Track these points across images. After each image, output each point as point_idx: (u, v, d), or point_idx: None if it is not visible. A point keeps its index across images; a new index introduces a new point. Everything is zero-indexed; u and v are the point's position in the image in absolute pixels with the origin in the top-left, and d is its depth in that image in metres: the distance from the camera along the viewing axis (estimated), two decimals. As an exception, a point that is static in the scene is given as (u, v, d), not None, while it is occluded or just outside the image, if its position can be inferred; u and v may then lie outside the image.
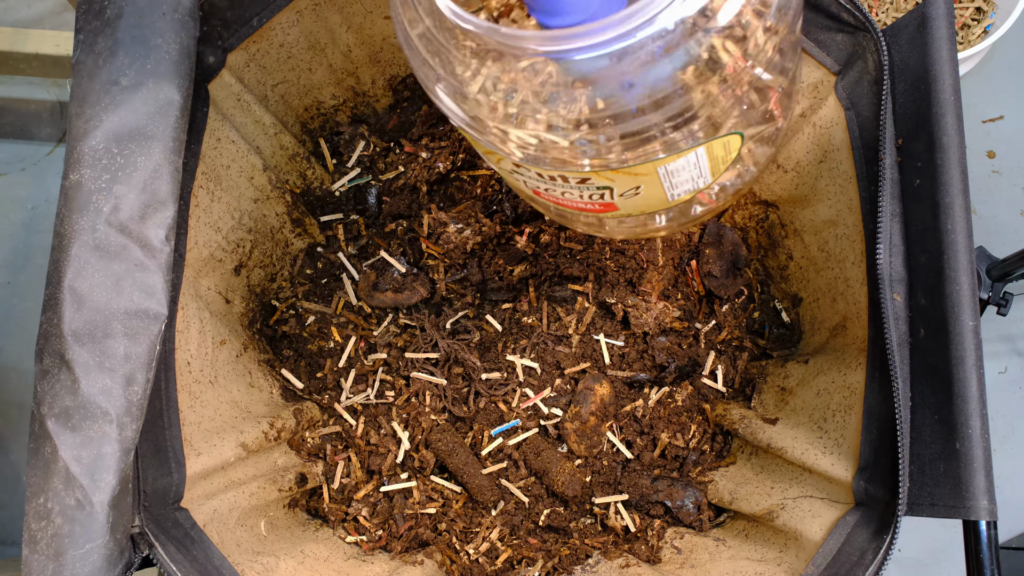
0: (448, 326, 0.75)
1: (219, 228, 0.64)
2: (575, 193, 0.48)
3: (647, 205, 0.50)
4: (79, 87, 0.49)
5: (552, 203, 0.52)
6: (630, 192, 0.47)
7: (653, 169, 0.45)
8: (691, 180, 0.48)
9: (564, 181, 0.46)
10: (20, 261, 0.97)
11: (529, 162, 0.44)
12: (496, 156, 0.46)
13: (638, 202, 0.49)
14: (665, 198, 0.49)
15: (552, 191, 0.49)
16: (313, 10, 0.65)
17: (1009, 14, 0.85)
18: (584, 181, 0.46)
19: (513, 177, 0.50)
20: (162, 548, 0.50)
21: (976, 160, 0.94)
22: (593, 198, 0.48)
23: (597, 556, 0.69)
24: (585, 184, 0.46)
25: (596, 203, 0.49)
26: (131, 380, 0.47)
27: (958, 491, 0.46)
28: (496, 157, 0.47)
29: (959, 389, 0.47)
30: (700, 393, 0.74)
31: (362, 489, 0.71)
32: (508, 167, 0.47)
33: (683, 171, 0.46)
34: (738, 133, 0.45)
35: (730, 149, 0.47)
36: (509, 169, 0.48)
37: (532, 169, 0.45)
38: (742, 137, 0.46)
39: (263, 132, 0.68)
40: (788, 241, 0.70)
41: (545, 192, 0.49)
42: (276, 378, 0.72)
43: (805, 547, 0.56)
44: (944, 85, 0.49)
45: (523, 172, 0.47)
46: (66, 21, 1.02)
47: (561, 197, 0.49)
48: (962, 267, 0.48)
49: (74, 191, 0.47)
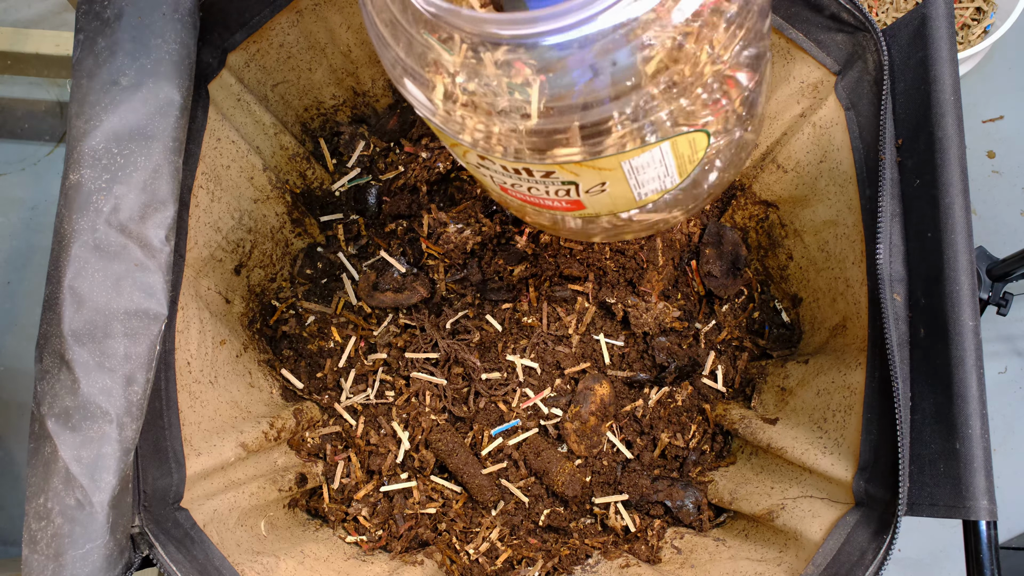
0: (448, 326, 0.75)
1: (219, 228, 0.64)
2: (541, 189, 0.47)
3: (614, 204, 0.49)
4: (79, 87, 0.49)
5: (519, 200, 0.51)
6: (596, 188, 0.47)
7: (617, 163, 0.44)
8: (658, 179, 0.47)
9: (529, 175, 0.45)
10: (20, 261, 0.97)
11: (491, 153, 0.44)
12: (462, 148, 0.46)
13: (605, 200, 0.48)
14: (632, 197, 0.49)
15: (519, 186, 0.48)
16: (313, 10, 0.65)
17: (1009, 14, 0.85)
18: (549, 175, 0.45)
19: (480, 172, 0.49)
20: (162, 548, 0.50)
21: (976, 160, 0.94)
22: (559, 194, 0.48)
23: (597, 556, 0.69)
24: (550, 178, 0.45)
25: (563, 200, 0.48)
26: (131, 380, 0.47)
27: (958, 491, 0.46)
28: (462, 149, 0.46)
29: (959, 389, 0.47)
30: (700, 393, 0.74)
31: (362, 489, 0.71)
32: (474, 160, 0.47)
33: (649, 168, 0.46)
34: (704, 132, 0.45)
35: (696, 148, 0.46)
36: (475, 163, 0.47)
37: (497, 161, 0.45)
38: (708, 136, 0.46)
39: (263, 132, 0.68)
40: (788, 241, 0.70)
41: (512, 188, 0.49)
42: (276, 378, 0.72)
43: (805, 547, 0.56)
44: (944, 85, 0.49)
45: (488, 165, 0.46)
46: (66, 21, 1.02)
47: (528, 193, 0.49)
48: (962, 267, 0.48)
49: (74, 191, 0.47)
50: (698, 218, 0.76)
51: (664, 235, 0.74)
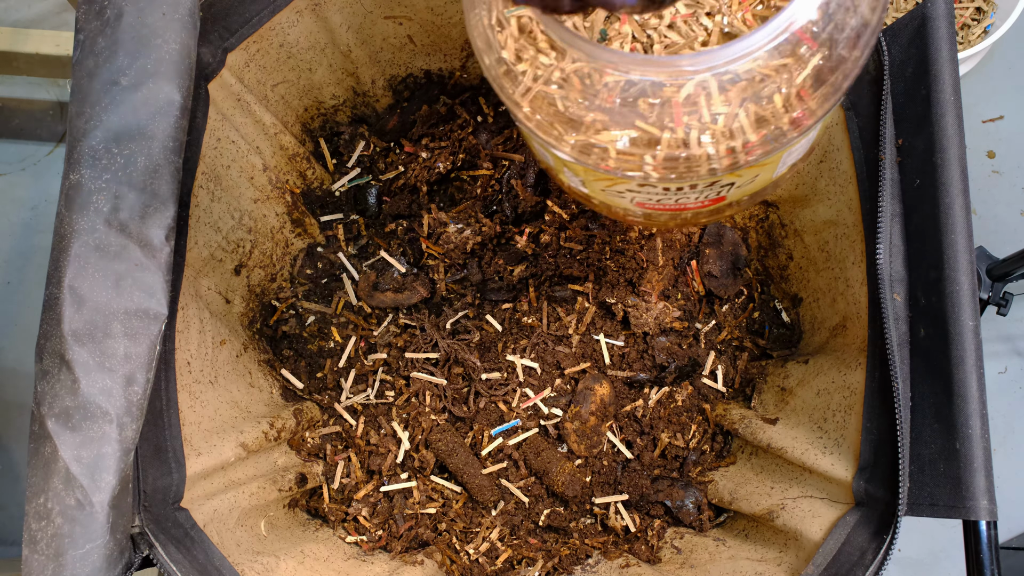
0: (448, 326, 0.75)
1: (219, 228, 0.64)
2: (692, 197, 0.46)
3: (753, 188, 0.49)
4: (79, 87, 0.49)
5: (649, 210, 0.50)
6: (747, 181, 0.46)
7: (780, 156, 0.44)
8: (798, 153, 0.47)
9: (692, 189, 0.45)
10: (20, 261, 0.97)
11: (669, 181, 0.42)
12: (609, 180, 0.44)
13: (748, 188, 0.48)
14: (771, 178, 0.48)
15: (664, 200, 0.47)
16: (313, 10, 0.65)
17: (1009, 14, 0.85)
18: (712, 184, 0.44)
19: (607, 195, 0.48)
20: (162, 548, 0.50)
21: (976, 160, 0.94)
22: (709, 197, 0.47)
23: (597, 556, 0.69)
24: (712, 187, 0.45)
25: (708, 200, 0.48)
26: (131, 380, 0.47)
27: (958, 491, 0.46)
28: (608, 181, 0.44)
29: (959, 389, 0.47)
30: (700, 393, 0.74)
31: (362, 489, 0.71)
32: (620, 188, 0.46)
33: (798, 150, 0.45)
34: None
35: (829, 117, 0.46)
36: (619, 190, 0.46)
37: (659, 186, 0.44)
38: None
39: (263, 132, 0.68)
40: (788, 241, 0.70)
41: (655, 203, 0.48)
42: (276, 378, 0.72)
43: (805, 547, 0.56)
44: (944, 85, 0.49)
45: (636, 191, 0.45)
46: (66, 21, 1.02)
47: (672, 204, 0.48)
48: (962, 267, 0.48)
49: (74, 191, 0.47)
50: (698, 218, 0.76)
51: (664, 235, 0.74)
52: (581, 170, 0.45)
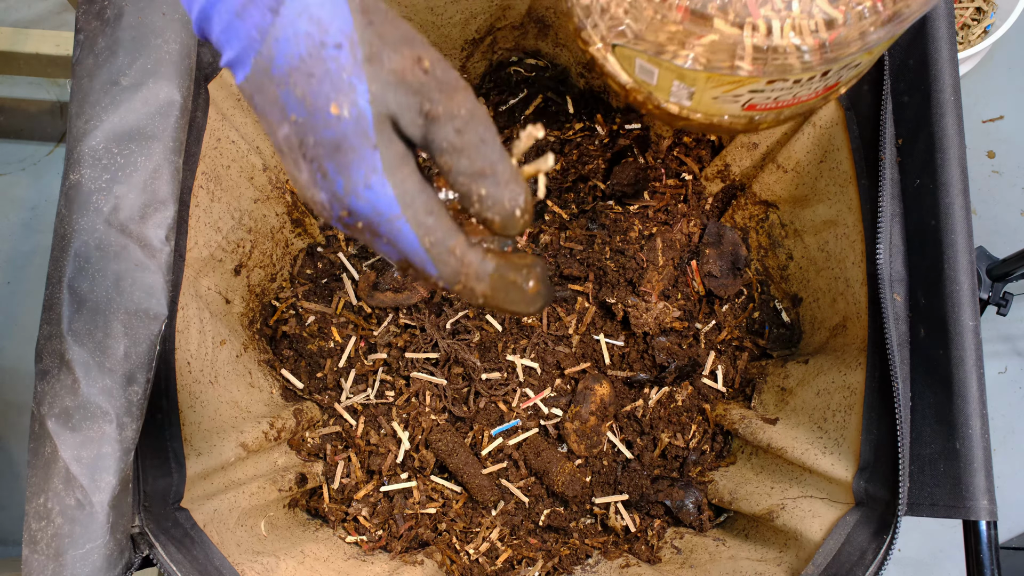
0: (448, 326, 0.75)
1: (219, 228, 0.64)
2: (809, 88, 0.46)
3: (868, 65, 0.48)
4: (79, 87, 0.49)
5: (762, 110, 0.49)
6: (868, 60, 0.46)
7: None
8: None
9: (823, 76, 0.44)
10: (20, 261, 0.97)
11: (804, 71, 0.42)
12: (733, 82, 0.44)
13: (864, 67, 0.47)
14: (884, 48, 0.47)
15: (782, 98, 0.46)
16: (313, 10, 0.64)
17: (1009, 14, 0.85)
18: (846, 66, 0.44)
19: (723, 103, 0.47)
20: (162, 548, 0.50)
21: (976, 160, 0.94)
22: (827, 84, 0.46)
23: (597, 556, 0.69)
24: (831, 73, 0.45)
25: (823, 89, 0.47)
26: (131, 380, 0.47)
27: (958, 491, 0.46)
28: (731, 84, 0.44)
29: (959, 389, 0.47)
30: (700, 393, 0.74)
31: (362, 489, 0.71)
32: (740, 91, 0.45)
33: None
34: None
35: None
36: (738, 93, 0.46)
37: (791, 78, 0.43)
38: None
39: (263, 132, 0.68)
40: (788, 241, 0.70)
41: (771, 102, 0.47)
42: (276, 378, 0.72)
43: (805, 547, 0.56)
44: (944, 85, 0.49)
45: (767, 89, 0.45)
46: (66, 21, 1.02)
47: (791, 98, 0.47)
48: (962, 267, 0.48)
49: (74, 191, 0.47)
50: (698, 218, 0.76)
51: (664, 235, 0.74)
52: (703, 77, 0.44)
